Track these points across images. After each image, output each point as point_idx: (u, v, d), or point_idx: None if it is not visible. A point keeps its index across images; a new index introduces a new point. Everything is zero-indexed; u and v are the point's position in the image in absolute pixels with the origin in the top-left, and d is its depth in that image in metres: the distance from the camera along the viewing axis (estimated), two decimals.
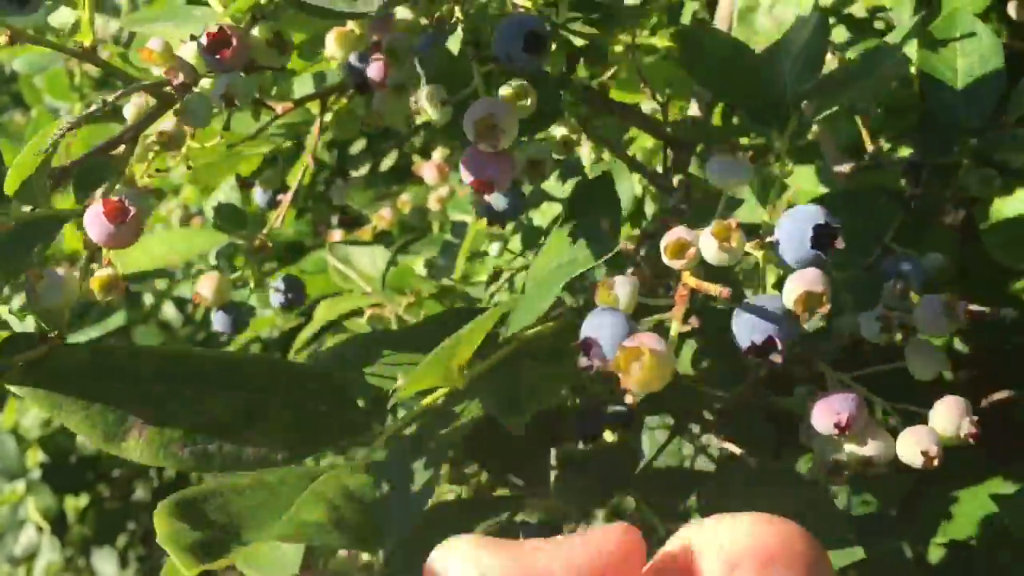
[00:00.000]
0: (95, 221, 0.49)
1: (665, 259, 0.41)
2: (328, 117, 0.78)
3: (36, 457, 2.25)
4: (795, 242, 0.40)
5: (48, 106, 1.62)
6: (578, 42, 0.56)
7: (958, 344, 1.04)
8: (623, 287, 0.41)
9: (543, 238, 0.63)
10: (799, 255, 0.40)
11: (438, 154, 1.03)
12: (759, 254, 0.41)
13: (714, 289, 0.39)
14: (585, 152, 0.74)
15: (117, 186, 0.55)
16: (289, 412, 0.53)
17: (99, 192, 0.54)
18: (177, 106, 0.55)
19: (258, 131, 0.73)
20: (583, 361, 0.39)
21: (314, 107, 0.78)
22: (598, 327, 0.40)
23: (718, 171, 0.46)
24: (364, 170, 1.76)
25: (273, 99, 0.72)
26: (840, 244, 0.40)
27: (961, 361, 1.17)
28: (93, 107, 0.53)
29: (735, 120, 0.74)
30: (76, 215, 0.53)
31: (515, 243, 0.67)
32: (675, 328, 0.39)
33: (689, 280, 0.40)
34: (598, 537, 0.35)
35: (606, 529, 0.35)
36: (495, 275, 0.68)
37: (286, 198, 0.72)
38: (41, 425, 2.43)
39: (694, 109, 0.75)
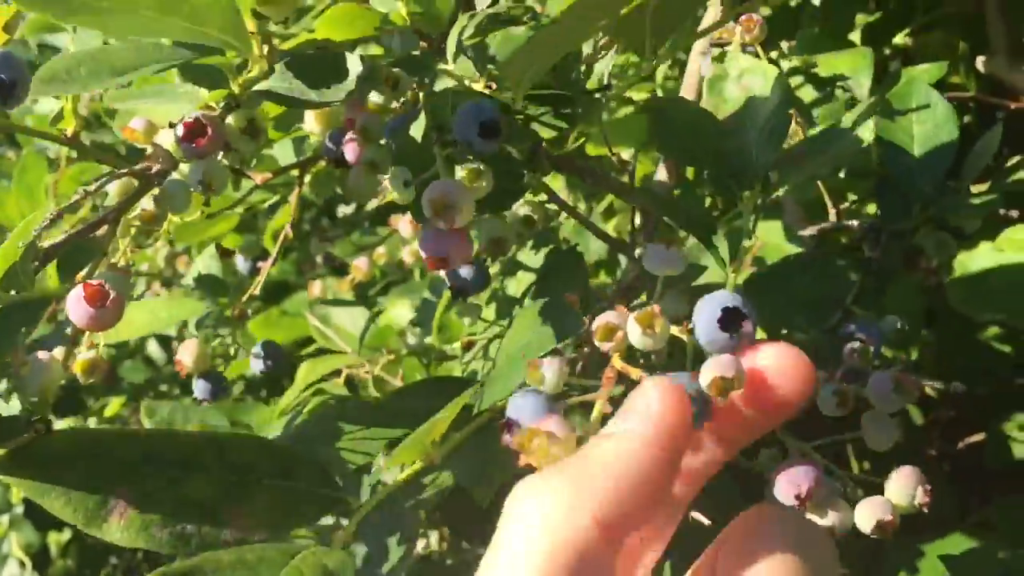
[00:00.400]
0: (77, 305, 0.51)
1: (596, 341, 0.44)
2: (307, 179, 0.80)
3: (19, 494, 2.25)
4: (707, 325, 0.42)
5: (38, 147, 1.63)
6: (544, 132, 0.58)
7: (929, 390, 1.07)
8: (550, 368, 0.44)
9: (517, 307, 0.65)
10: (710, 337, 0.42)
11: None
12: (685, 337, 0.43)
13: (635, 373, 0.42)
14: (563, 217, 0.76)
15: (99, 269, 0.57)
16: (271, 491, 0.54)
17: (80, 275, 0.56)
18: (156, 192, 0.57)
19: (238, 201, 0.74)
20: (504, 439, 0.42)
21: (293, 170, 0.80)
22: (520, 408, 0.43)
23: (653, 261, 0.49)
24: (350, 209, 1.78)
25: (252, 169, 0.74)
26: (748, 328, 0.42)
27: (932, 403, 1.20)
28: (75, 196, 0.54)
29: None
30: (60, 296, 0.55)
31: (490, 312, 0.69)
32: (598, 408, 0.42)
33: (616, 363, 0.43)
34: (653, 411, 0.38)
35: (653, 394, 0.38)
36: (468, 345, 0.70)
37: (266, 265, 0.74)
38: None
39: (662, 172, 0.77)
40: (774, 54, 0.88)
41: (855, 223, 0.78)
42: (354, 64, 0.55)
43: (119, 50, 0.54)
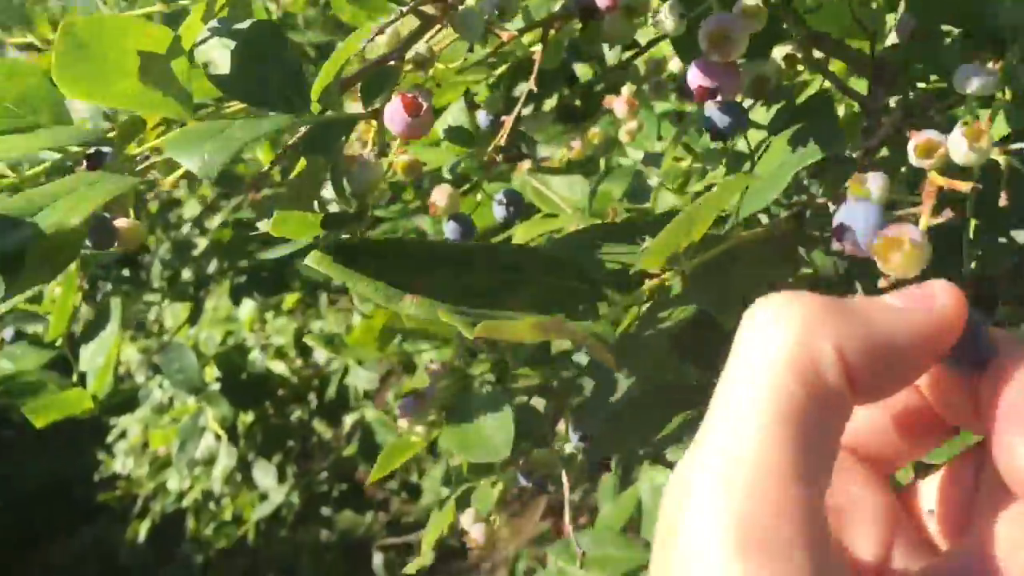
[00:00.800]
0: (395, 115, 0.59)
1: (913, 159, 0.45)
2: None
3: (212, 373, 2.45)
4: None
5: None
6: None
7: None
8: (875, 181, 0.44)
9: (748, 163, 0.69)
10: None
11: (626, 90, 1.10)
12: (1003, 159, 0.44)
13: (964, 186, 0.43)
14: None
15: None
16: (536, 285, 0.61)
17: (386, 95, 0.64)
18: (450, 17, 0.63)
19: (487, 56, 0.81)
20: (836, 245, 0.44)
21: (532, 35, 0.86)
22: (853, 215, 0.43)
23: (966, 78, 0.49)
24: (528, 110, 1.84)
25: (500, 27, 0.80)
26: None
27: None
28: (374, 29, 0.62)
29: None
30: (366, 117, 0.63)
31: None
32: (924, 222, 0.42)
33: (937, 179, 0.43)
34: (939, 303, 0.35)
35: (941, 291, 0.36)
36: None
37: (509, 119, 0.81)
38: (217, 344, 2.64)
39: (892, 39, 0.79)
40: None
41: None
42: None
43: None
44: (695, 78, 0.59)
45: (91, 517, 5.68)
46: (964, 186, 0.43)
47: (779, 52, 0.68)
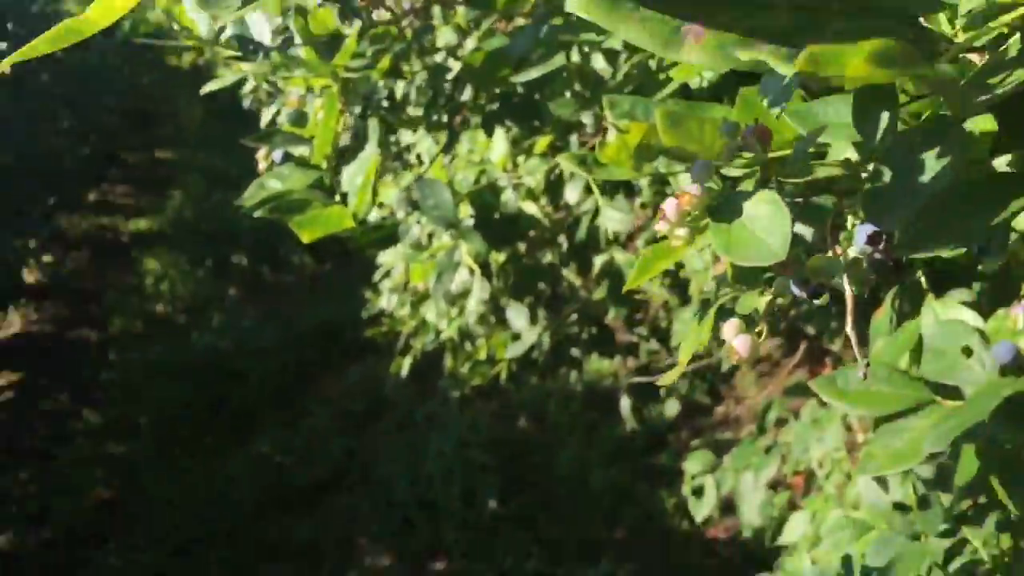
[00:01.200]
0: None
1: None
2: None
3: (466, 211, 2.49)
4: None
5: None
6: None
7: None
8: None
9: None
10: None
11: None
12: None
13: None
14: None
15: None
16: (846, 28, 0.51)
17: None
18: None
19: None
20: None
21: None
22: None
23: None
24: None
25: None
26: None
27: None
28: None
29: None
30: None
31: None
32: None
33: None
34: None
35: None
36: None
37: None
38: (471, 184, 2.68)
39: None
40: None
41: None
42: None
43: None
44: None
45: (359, 356, 6.15)
46: None
47: None
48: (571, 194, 2.58)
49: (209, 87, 1.91)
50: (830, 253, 0.79)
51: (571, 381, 5.22)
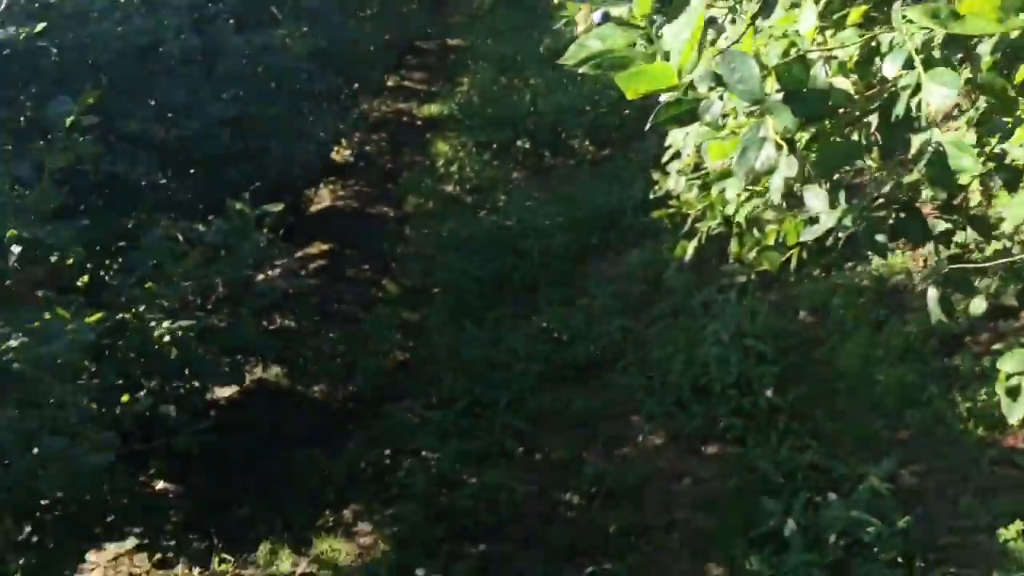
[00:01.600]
0: None
1: None
2: None
3: (772, 85, 2.40)
4: None
5: None
6: None
7: None
8: None
9: None
10: None
11: None
12: None
13: None
14: None
15: None
16: None
17: None
18: None
19: None
20: None
21: None
22: None
23: None
24: None
25: None
26: None
27: None
28: None
29: None
30: None
31: None
32: None
33: None
34: None
35: None
36: None
37: None
38: (778, 57, 2.57)
39: None
40: None
41: None
42: None
43: None
44: None
45: (637, 241, 6.21)
46: None
47: None
48: (889, 68, 2.41)
49: None
50: None
51: (858, 274, 4.99)
